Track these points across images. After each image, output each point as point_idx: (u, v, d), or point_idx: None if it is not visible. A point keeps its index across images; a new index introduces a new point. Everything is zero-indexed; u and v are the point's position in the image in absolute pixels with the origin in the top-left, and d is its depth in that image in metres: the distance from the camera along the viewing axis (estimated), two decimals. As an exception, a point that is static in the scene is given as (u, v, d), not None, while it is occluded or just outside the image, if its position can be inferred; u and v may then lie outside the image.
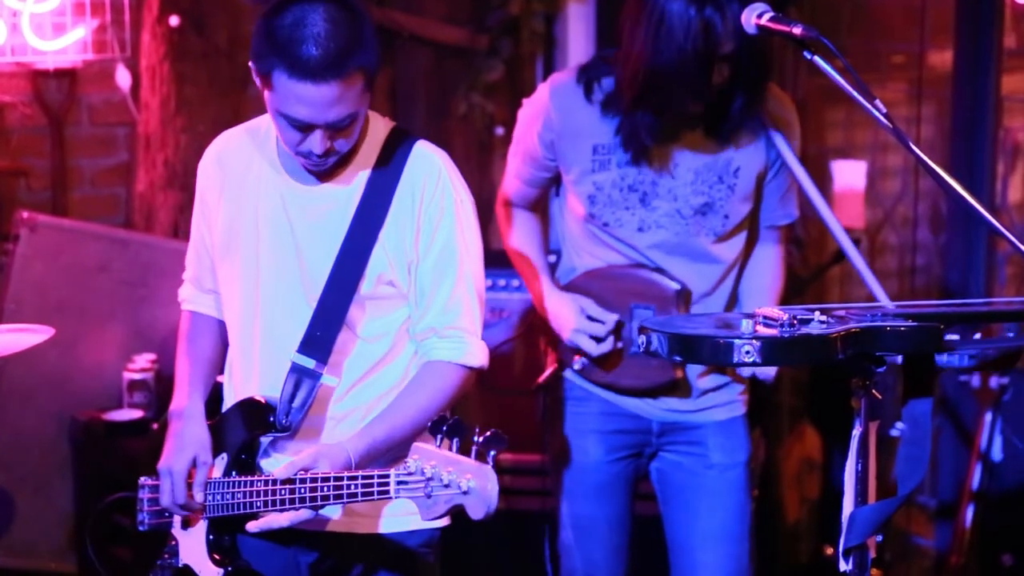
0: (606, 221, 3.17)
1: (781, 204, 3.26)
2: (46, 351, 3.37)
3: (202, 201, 2.84)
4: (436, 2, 5.30)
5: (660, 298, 3.17)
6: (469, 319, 2.71)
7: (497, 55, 5.32)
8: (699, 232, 3.16)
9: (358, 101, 2.53)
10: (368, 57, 2.51)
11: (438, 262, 2.68)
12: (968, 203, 2.27)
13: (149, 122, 4.59)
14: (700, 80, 2.93)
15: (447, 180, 2.69)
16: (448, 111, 5.32)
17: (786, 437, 5.06)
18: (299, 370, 2.66)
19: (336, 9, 2.49)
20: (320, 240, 2.68)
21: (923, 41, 4.88)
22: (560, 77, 3.22)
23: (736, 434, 3.30)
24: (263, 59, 2.51)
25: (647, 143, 3.08)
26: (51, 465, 4.20)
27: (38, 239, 4.15)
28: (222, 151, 2.82)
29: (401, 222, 2.66)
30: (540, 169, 3.28)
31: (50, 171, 4.54)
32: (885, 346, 2.15)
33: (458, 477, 2.31)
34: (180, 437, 2.75)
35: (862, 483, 2.23)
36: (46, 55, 4.44)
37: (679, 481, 3.30)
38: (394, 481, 2.40)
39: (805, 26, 2.46)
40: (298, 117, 2.51)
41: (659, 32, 2.91)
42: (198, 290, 2.93)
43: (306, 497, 2.53)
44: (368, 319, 2.70)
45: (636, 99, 3.02)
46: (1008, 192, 4.68)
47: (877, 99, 2.35)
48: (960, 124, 4.47)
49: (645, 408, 3.27)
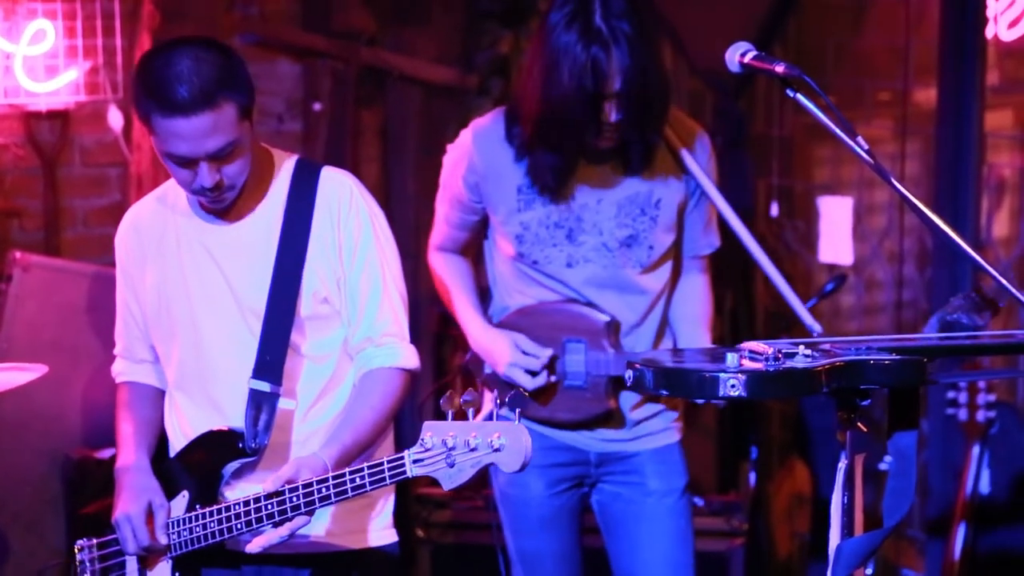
0: (535, 259, 3.22)
1: (704, 234, 3.33)
2: (39, 389, 3.38)
3: (124, 274, 2.95)
4: (426, 42, 5.34)
5: (590, 331, 3.22)
6: (398, 326, 2.85)
7: (487, 94, 5.37)
8: (626, 264, 3.21)
9: (234, 130, 2.65)
10: (236, 88, 2.65)
11: (364, 276, 2.81)
12: (952, 239, 2.30)
13: (141, 162, 4.62)
14: (590, 116, 3.00)
15: (358, 197, 2.84)
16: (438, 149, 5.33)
17: (776, 471, 5.08)
18: (257, 395, 2.76)
19: (201, 49, 2.64)
20: (250, 272, 2.79)
21: (907, 78, 4.93)
22: (482, 121, 3.28)
23: (672, 461, 3.33)
24: (139, 105, 2.67)
25: (549, 182, 3.14)
26: (43, 503, 4.20)
27: (31, 279, 4.17)
28: (136, 220, 2.95)
29: (324, 241, 2.79)
30: (467, 212, 3.33)
31: (43, 212, 4.56)
32: (870, 379, 2.18)
33: (485, 438, 2.44)
34: (131, 487, 2.82)
35: (848, 515, 2.26)
36: (39, 97, 4.47)
37: (619, 511, 3.34)
38: (410, 460, 2.50)
39: (788, 64, 2.49)
40: (179, 152, 2.64)
41: (549, 71, 2.99)
42: (130, 362, 3.03)
43: (300, 504, 2.59)
44: (311, 340, 2.81)
45: (533, 137, 3.10)
46: (993, 227, 4.71)
47: (859, 136, 2.37)
48: (945, 160, 4.50)
49: (581, 440, 3.31)
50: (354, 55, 4.97)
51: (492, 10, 5.34)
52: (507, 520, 3.39)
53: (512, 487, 3.35)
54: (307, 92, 5.03)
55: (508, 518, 3.39)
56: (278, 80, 5.02)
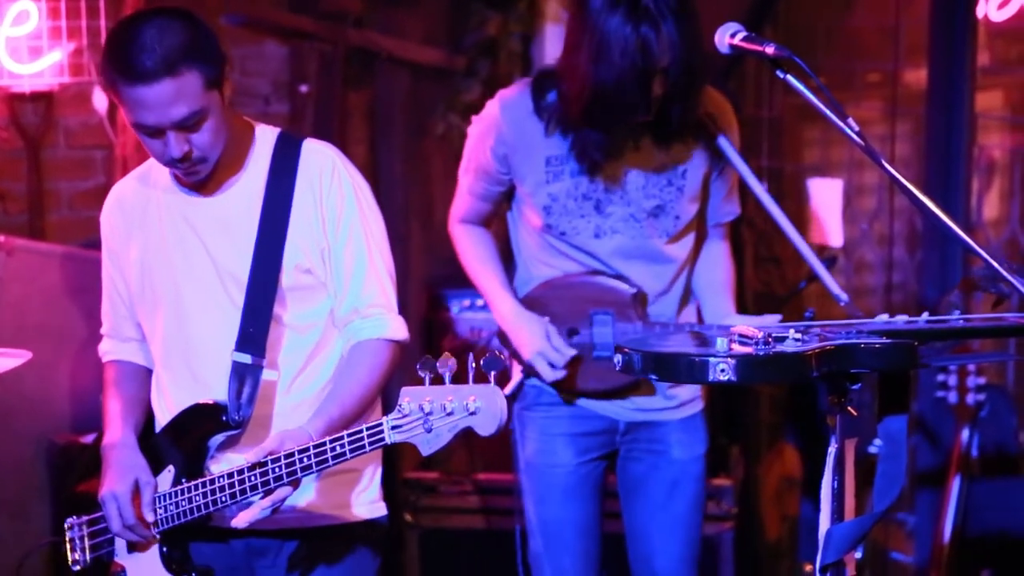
0: (563, 230, 3.28)
1: (726, 202, 3.42)
2: (24, 374, 3.35)
3: (109, 251, 2.97)
4: (414, 23, 5.31)
5: (617, 302, 3.30)
6: (385, 297, 2.85)
7: (475, 75, 5.34)
8: (653, 234, 3.28)
9: (199, 99, 2.65)
10: (201, 57, 2.65)
11: (348, 247, 2.81)
12: (943, 221, 2.28)
13: (126, 145, 4.59)
14: (641, 94, 3.05)
15: (341, 169, 2.84)
16: (426, 131, 5.33)
17: (765, 454, 5.07)
18: (240, 367, 2.76)
19: (165, 19, 2.65)
20: (231, 243, 2.80)
21: (898, 60, 4.91)
22: (509, 92, 3.34)
23: (695, 429, 3.44)
24: (106, 77, 2.68)
25: (597, 159, 3.20)
26: (29, 488, 4.18)
27: (15, 263, 4.14)
28: (120, 197, 2.96)
29: (306, 212, 2.79)
30: (494, 183, 3.37)
31: (27, 194, 4.53)
32: (860, 363, 2.17)
33: (461, 401, 2.44)
34: (118, 464, 2.82)
35: (839, 500, 2.24)
36: (23, 78, 4.44)
37: (640, 473, 3.43)
38: (388, 427, 2.50)
39: (778, 45, 2.48)
40: (145, 122, 2.65)
41: (599, 51, 3.03)
42: (117, 341, 3.04)
43: (282, 475, 2.60)
44: (294, 311, 2.81)
45: (583, 117, 3.14)
46: (983, 209, 4.70)
47: (850, 118, 2.37)
48: (935, 142, 4.49)
49: (612, 409, 3.38)
50: (341, 36, 4.93)
51: (480, -9, 5.31)
52: (531, 489, 3.45)
53: (539, 455, 3.42)
54: (294, 73, 5.00)
55: (532, 487, 3.44)
56: (265, 61, 4.99)
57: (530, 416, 3.43)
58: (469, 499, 4.35)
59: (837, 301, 3.28)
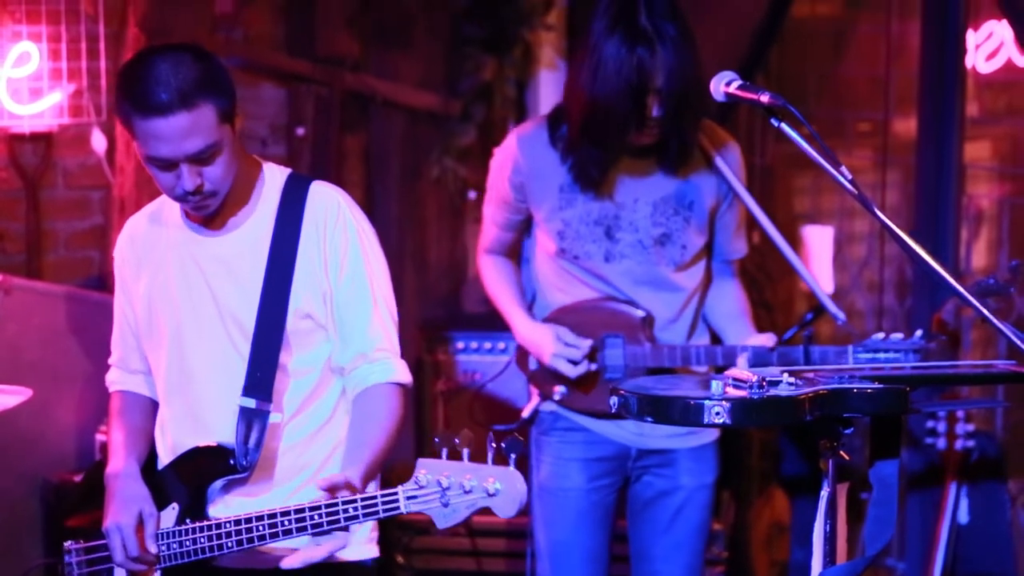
0: (576, 254, 3.42)
1: (734, 239, 3.53)
2: (19, 412, 3.36)
3: (122, 282, 2.98)
4: (410, 68, 5.36)
5: (627, 326, 3.42)
6: (390, 341, 2.85)
7: (470, 120, 5.39)
8: (660, 261, 3.41)
9: (213, 132, 2.67)
10: (215, 90, 2.67)
11: (352, 290, 2.82)
12: (932, 268, 2.31)
13: (124, 185, 4.61)
14: (634, 111, 3.19)
15: (346, 211, 2.85)
16: (421, 174, 5.37)
17: (755, 500, 5.08)
18: (247, 412, 2.76)
19: (179, 53, 2.68)
20: (236, 286, 2.81)
21: (888, 109, 4.97)
22: (526, 125, 3.53)
23: (706, 458, 3.54)
24: (120, 110, 2.69)
25: (594, 176, 3.34)
26: (22, 526, 4.18)
27: (12, 302, 4.16)
28: (133, 232, 2.98)
29: (310, 255, 2.79)
30: (513, 212, 3.52)
31: (25, 234, 4.55)
32: (853, 408, 2.20)
33: (480, 481, 2.43)
34: (122, 495, 2.82)
35: (830, 544, 2.26)
36: (22, 119, 4.47)
37: (647, 497, 3.53)
38: (404, 496, 2.50)
39: (772, 94, 2.51)
40: (159, 155, 2.66)
41: (596, 71, 3.19)
42: (125, 372, 3.05)
43: (291, 528, 2.60)
44: (294, 355, 2.81)
45: (580, 133, 3.29)
46: (972, 258, 4.74)
47: (843, 166, 2.39)
48: (924, 191, 4.53)
49: (625, 435, 3.47)
50: (338, 80, 4.97)
51: (475, 36, 5.36)
52: (542, 513, 3.53)
53: (552, 479, 3.52)
54: (291, 116, 5.04)
55: (544, 511, 3.53)
56: (262, 104, 5.02)
57: (546, 441, 3.54)
58: (461, 541, 4.36)
59: (835, 320, 3.46)
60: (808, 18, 5.36)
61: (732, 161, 3.45)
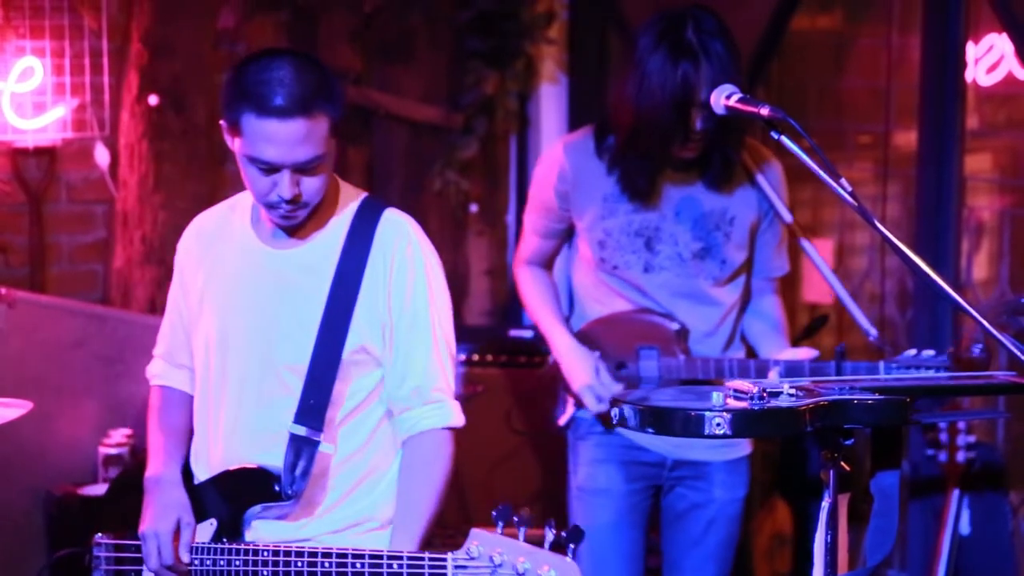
0: (615, 264, 3.45)
1: (775, 256, 3.58)
2: (22, 425, 3.37)
3: (180, 274, 2.90)
4: (412, 81, 5.38)
5: (663, 338, 3.45)
6: (446, 381, 2.77)
7: (472, 133, 5.40)
8: (699, 275, 3.45)
9: (323, 143, 2.61)
10: (332, 103, 2.62)
11: (414, 326, 2.74)
12: (933, 281, 2.32)
13: (127, 199, 4.63)
14: (679, 124, 3.24)
15: (416, 244, 2.76)
16: (424, 187, 5.38)
17: (757, 511, 5.08)
18: (297, 440, 2.68)
19: (300, 59, 2.62)
20: (298, 305, 2.72)
21: (888, 122, 4.97)
22: (573, 136, 3.58)
23: (739, 472, 3.59)
24: (232, 107, 2.61)
25: (642, 186, 3.38)
26: (26, 539, 4.19)
27: (16, 315, 4.17)
28: (202, 225, 2.90)
29: (375, 286, 2.71)
30: (555, 221, 3.56)
31: (28, 248, 4.57)
32: (853, 419, 2.20)
33: (535, 567, 2.32)
34: (161, 500, 2.76)
35: (832, 555, 2.26)
36: (26, 134, 4.49)
37: (681, 509, 3.58)
38: (451, 565, 2.41)
39: (772, 107, 2.51)
40: (266, 158, 2.59)
41: (642, 84, 3.24)
42: (170, 365, 2.96)
43: (331, 572, 2.55)
44: (347, 385, 2.73)
45: (626, 144, 3.34)
46: (973, 270, 4.75)
47: (843, 178, 2.39)
48: (925, 203, 4.53)
49: (661, 445, 3.51)
50: (340, 94, 4.99)
51: (478, 50, 5.38)
52: (580, 516, 3.57)
53: (590, 480, 3.56)
54: (293, 130, 5.05)
55: (582, 513, 3.57)
56: (264, 118, 5.03)
57: (583, 444, 3.57)
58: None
59: (866, 335, 3.52)
60: (809, 31, 5.37)
61: (774, 178, 3.49)
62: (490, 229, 5.55)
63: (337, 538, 2.73)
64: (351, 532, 2.76)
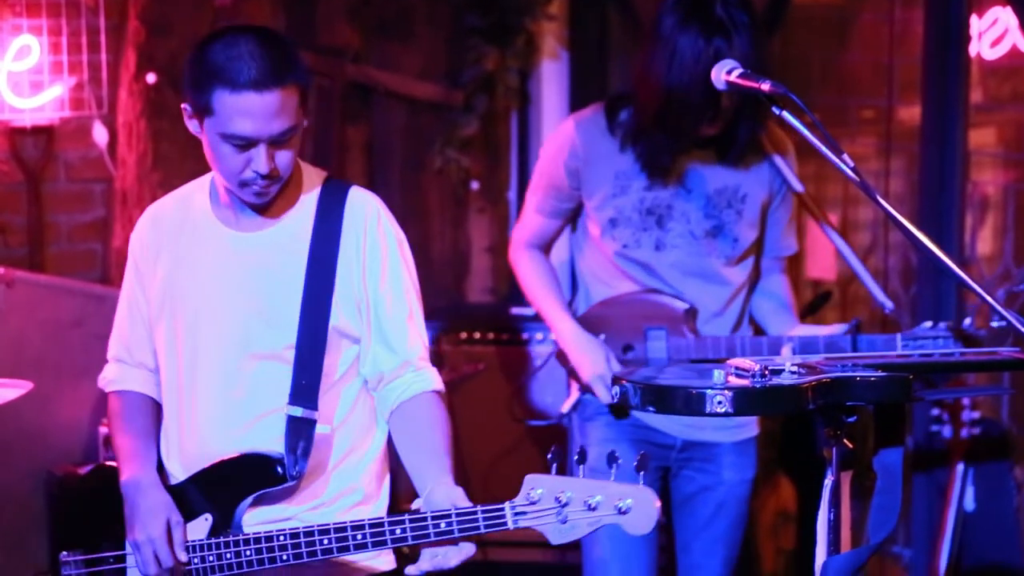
0: (625, 243, 3.42)
1: (784, 235, 3.56)
2: (22, 406, 3.36)
3: (135, 268, 2.87)
4: (412, 58, 5.35)
5: (670, 318, 3.42)
6: (426, 349, 2.82)
7: (472, 111, 5.38)
8: (711, 253, 3.42)
9: (296, 115, 2.62)
10: (301, 73, 2.62)
11: (394, 300, 2.76)
12: (937, 256, 2.31)
13: (126, 178, 4.61)
14: (711, 103, 3.20)
15: (385, 221, 2.79)
16: (424, 166, 5.36)
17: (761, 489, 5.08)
18: (295, 421, 2.68)
19: (262, 33, 2.63)
20: (275, 288, 2.72)
21: (892, 96, 4.95)
22: (584, 112, 3.51)
23: (748, 454, 3.59)
24: (200, 86, 2.60)
25: (665, 163, 3.35)
26: (27, 520, 4.18)
27: (15, 294, 4.16)
28: (157, 214, 2.88)
29: (349, 264, 2.73)
30: (563, 200, 3.52)
31: (27, 227, 4.55)
32: (856, 396, 2.19)
33: (609, 499, 2.39)
34: (145, 505, 2.72)
35: (835, 532, 2.26)
36: (23, 112, 4.46)
37: (689, 492, 3.56)
38: (511, 511, 2.43)
39: (773, 82, 2.50)
40: (243, 132, 2.58)
41: (672, 62, 3.19)
42: (126, 366, 2.92)
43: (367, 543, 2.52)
44: (328, 363, 2.73)
45: (653, 122, 3.28)
46: (977, 245, 4.73)
47: (845, 153, 2.39)
48: (929, 178, 4.52)
49: (670, 426, 3.49)
50: (339, 71, 4.97)
51: (477, 27, 5.36)
52: None
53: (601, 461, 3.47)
54: (292, 108, 5.03)
55: None
56: (263, 96, 5.01)
57: (592, 426, 3.53)
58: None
59: (882, 308, 3.49)
60: (811, 4, 5.35)
61: (788, 157, 3.48)
62: (491, 206, 5.53)
63: (318, 515, 2.72)
64: (335, 507, 2.76)
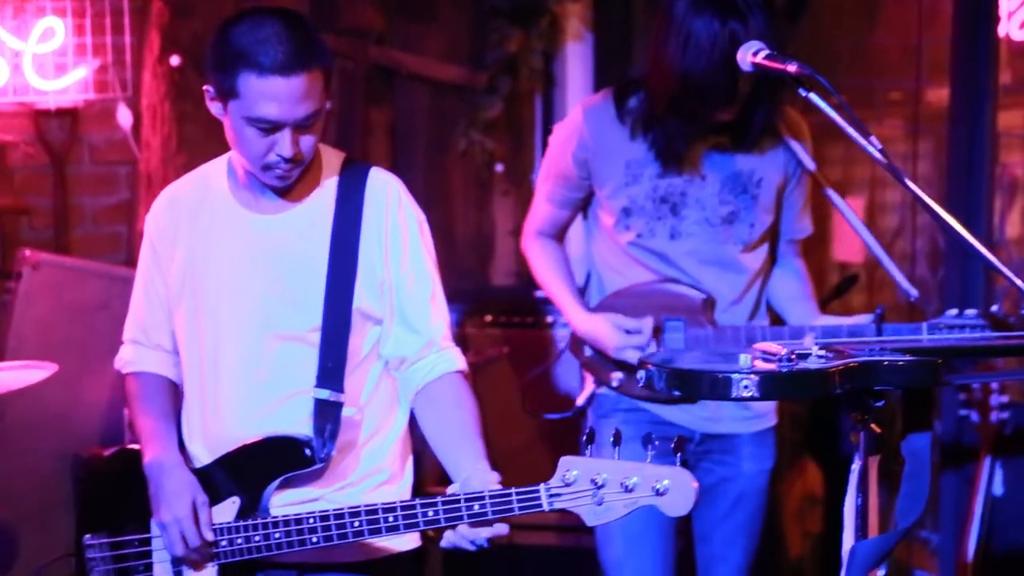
0: (639, 232, 3.36)
1: (799, 217, 3.50)
2: (48, 388, 3.37)
3: (152, 250, 2.85)
4: (435, 40, 5.34)
5: (688, 309, 3.36)
6: (449, 329, 2.81)
7: (496, 92, 5.37)
8: (727, 240, 3.37)
9: (321, 98, 2.61)
10: (325, 57, 2.61)
11: (416, 280, 2.76)
12: (965, 239, 2.28)
13: (150, 161, 4.62)
14: (728, 87, 3.13)
15: (406, 202, 2.78)
16: (448, 148, 5.35)
17: (787, 473, 5.06)
18: (321, 404, 2.68)
19: (287, 16, 2.61)
20: (299, 270, 2.71)
21: (920, 78, 4.91)
22: (592, 100, 3.45)
23: (766, 444, 3.54)
24: (225, 69, 2.58)
25: (681, 150, 3.28)
26: (55, 501, 4.19)
27: (40, 277, 4.17)
28: (174, 196, 2.87)
29: (371, 246, 2.72)
30: (573, 189, 3.46)
31: (52, 210, 4.56)
32: (883, 380, 2.17)
33: (646, 481, 2.39)
34: (170, 485, 2.71)
35: (862, 517, 2.24)
36: (48, 95, 4.47)
37: (709, 483, 3.48)
38: (546, 493, 2.43)
39: (800, 64, 2.48)
40: (269, 116, 2.57)
41: (687, 45, 3.12)
42: (143, 347, 2.90)
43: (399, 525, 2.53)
44: (352, 344, 2.72)
45: (668, 108, 3.22)
46: (1006, 227, 4.70)
47: (872, 135, 2.37)
48: (957, 160, 4.48)
49: (688, 419, 3.43)
50: (363, 53, 4.96)
51: (501, 8, 5.34)
52: None
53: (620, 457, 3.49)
54: (316, 90, 5.03)
55: None
56: (287, 78, 5.01)
57: (608, 422, 3.45)
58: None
59: (907, 296, 3.43)
60: (839, -14, 5.32)
61: (802, 139, 3.42)
62: (515, 189, 5.52)
63: (345, 495, 2.72)
64: (361, 487, 2.76)
